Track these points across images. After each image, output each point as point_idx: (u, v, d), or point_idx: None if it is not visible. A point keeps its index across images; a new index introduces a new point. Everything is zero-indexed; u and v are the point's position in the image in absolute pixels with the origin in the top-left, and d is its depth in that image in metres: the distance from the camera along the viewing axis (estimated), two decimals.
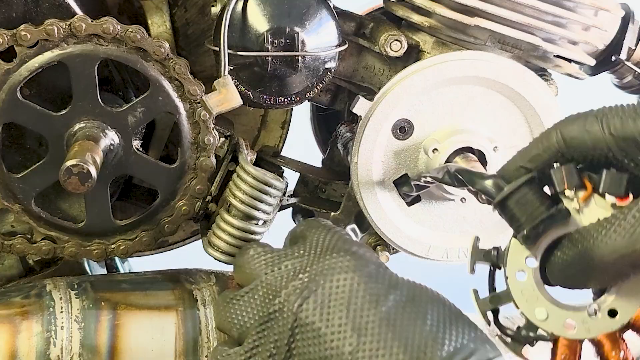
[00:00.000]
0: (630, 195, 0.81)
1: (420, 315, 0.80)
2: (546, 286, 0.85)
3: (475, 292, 0.86)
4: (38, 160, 1.01)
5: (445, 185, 1.04)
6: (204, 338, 1.01)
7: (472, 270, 0.87)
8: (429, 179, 0.99)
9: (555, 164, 0.82)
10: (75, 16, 0.98)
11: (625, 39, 1.09)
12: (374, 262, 0.86)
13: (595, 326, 0.84)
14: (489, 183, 0.85)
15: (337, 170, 1.19)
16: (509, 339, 0.86)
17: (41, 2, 1.00)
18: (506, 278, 0.85)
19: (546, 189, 0.83)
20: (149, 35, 1.02)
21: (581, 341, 0.85)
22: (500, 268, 0.86)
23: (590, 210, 0.82)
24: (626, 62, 1.11)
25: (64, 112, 0.99)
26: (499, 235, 1.07)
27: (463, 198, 1.08)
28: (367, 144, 1.05)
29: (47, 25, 0.97)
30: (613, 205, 0.82)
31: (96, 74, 0.99)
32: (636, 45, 1.11)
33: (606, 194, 0.82)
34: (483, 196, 0.86)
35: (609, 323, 0.84)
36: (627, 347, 0.86)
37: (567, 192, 0.82)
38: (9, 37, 0.97)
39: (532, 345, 0.86)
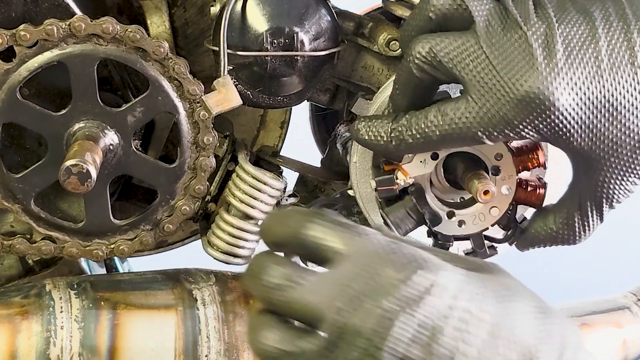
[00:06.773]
0: None
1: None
2: None
3: None
4: (37, 160, 1.01)
5: None
6: (204, 337, 1.01)
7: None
8: None
9: None
10: (75, 16, 0.98)
11: None
12: None
13: None
14: None
15: (336, 170, 1.19)
16: None
17: (40, 2, 1.00)
18: None
19: None
20: (148, 35, 1.02)
21: None
22: None
23: None
24: None
25: (63, 112, 0.99)
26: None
27: (462, 197, 1.08)
28: None
29: (47, 25, 0.97)
30: None
31: (96, 73, 0.99)
32: None
33: None
34: None
35: None
36: None
37: None
38: (8, 37, 0.97)
39: None
